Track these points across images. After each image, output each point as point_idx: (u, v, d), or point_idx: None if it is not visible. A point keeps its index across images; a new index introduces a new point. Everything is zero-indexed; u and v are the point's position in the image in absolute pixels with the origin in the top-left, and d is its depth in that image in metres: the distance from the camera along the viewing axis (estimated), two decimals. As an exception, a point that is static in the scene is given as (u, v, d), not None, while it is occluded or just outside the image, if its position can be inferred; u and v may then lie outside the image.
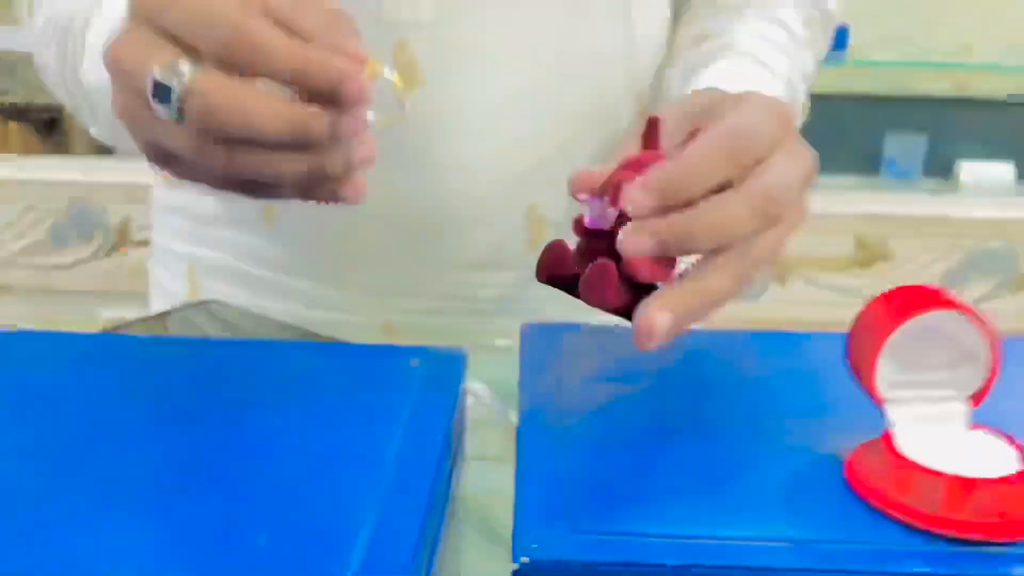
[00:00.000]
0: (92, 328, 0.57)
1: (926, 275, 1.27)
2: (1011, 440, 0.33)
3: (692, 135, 0.37)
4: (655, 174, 0.35)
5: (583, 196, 0.37)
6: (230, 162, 0.35)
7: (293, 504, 0.32)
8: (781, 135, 0.37)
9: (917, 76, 2.09)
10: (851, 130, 1.96)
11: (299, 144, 0.34)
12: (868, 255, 1.27)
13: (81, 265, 1.35)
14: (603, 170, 0.38)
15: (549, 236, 0.58)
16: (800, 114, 0.61)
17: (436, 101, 0.56)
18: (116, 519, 0.31)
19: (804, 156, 0.38)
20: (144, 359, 0.43)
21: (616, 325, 0.38)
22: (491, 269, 0.60)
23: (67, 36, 0.52)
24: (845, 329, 0.35)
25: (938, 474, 0.31)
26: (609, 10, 0.58)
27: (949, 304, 0.33)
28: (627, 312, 0.36)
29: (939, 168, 1.94)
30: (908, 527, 0.31)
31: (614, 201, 0.36)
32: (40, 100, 1.95)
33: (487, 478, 0.41)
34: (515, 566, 0.30)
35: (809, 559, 0.30)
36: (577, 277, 0.36)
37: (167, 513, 0.32)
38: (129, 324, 0.59)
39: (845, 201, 1.29)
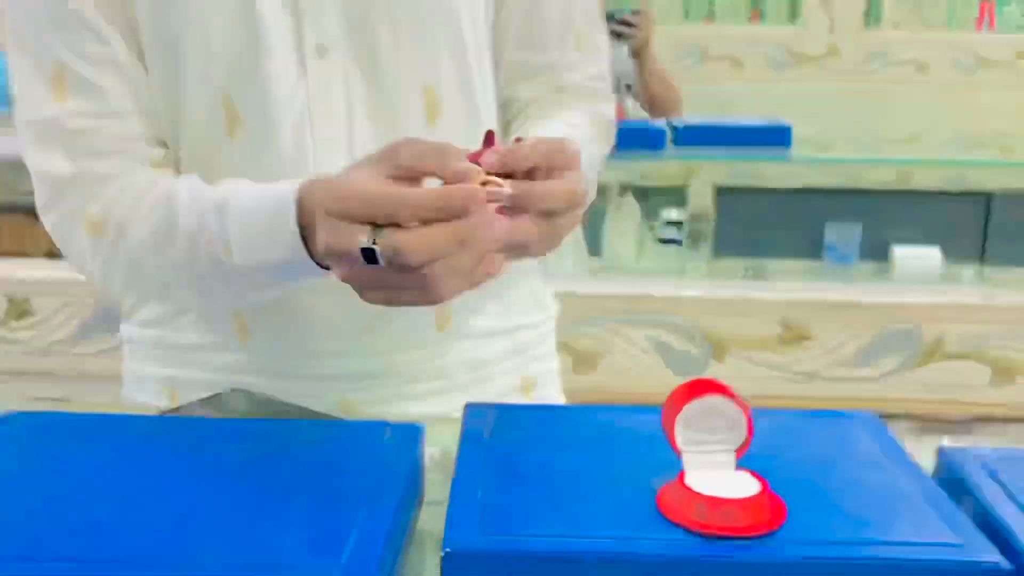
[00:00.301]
0: (117, 409, 0.74)
1: (841, 352, 1.46)
2: (756, 476, 0.52)
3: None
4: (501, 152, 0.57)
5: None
6: (415, 280, 0.55)
7: (296, 511, 0.51)
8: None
9: (855, 169, 2.32)
10: (795, 219, 2.18)
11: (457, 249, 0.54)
12: (793, 335, 1.46)
13: (106, 353, 1.54)
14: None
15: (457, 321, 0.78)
16: (592, 191, 0.80)
17: None
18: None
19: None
20: (164, 438, 0.62)
21: (540, 405, 0.57)
22: (412, 348, 0.79)
23: (201, 230, 0.65)
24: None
25: (709, 497, 0.50)
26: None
27: (721, 390, 0.52)
28: None
29: (875, 252, 2.15)
30: (691, 531, 0.50)
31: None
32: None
33: (437, 513, 0.60)
34: (442, 554, 0.48)
35: (634, 547, 0.49)
36: None
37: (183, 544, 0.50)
38: (185, 407, 0.77)
39: (773, 288, 1.49)
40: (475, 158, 0.57)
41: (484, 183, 0.56)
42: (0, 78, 3.29)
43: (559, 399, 0.89)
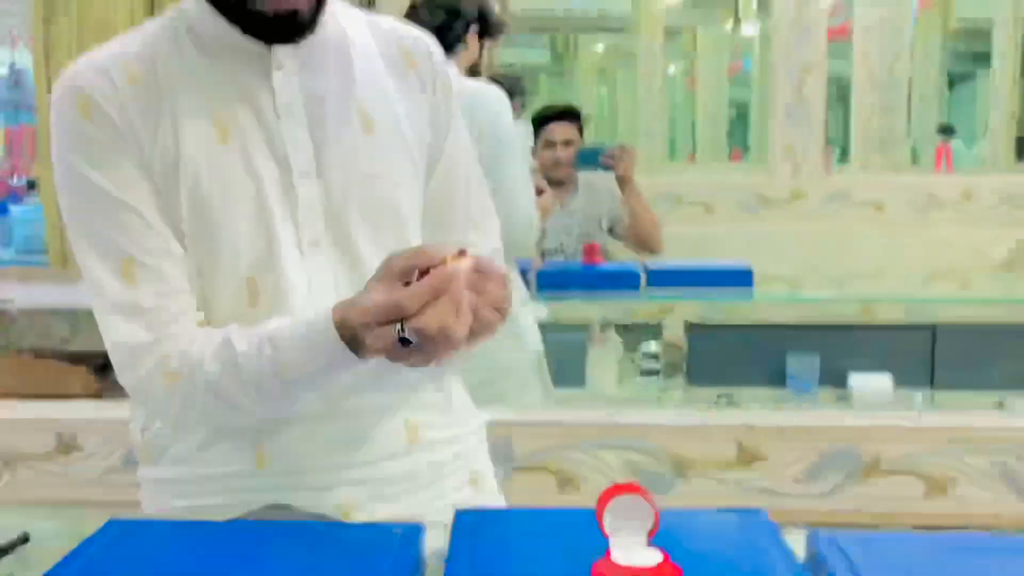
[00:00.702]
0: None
1: (793, 470, 1.66)
2: (663, 551, 0.73)
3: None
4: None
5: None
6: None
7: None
8: None
9: (813, 305, 2.56)
10: (760, 351, 2.41)
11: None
12: (747, 456, 1.67)
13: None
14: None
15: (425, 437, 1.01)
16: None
17: None
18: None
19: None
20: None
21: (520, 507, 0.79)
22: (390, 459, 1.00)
23: (259, 361, 0.88)
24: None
25: (627, 567, 0.71)
26: None
27: (635, 490, 0.73)
28: None
29: (835, 379, 2.36)
30: (614, 594, 0.70)
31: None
32: (98, 348, 2.39)
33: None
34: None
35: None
36: None
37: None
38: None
39: (731, 415, 1.70)
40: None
41: (457, 256, 0.83)
42: (22, 230, 3.53)
43: (496, 488, 1.11)
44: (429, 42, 1.06)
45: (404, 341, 0.81)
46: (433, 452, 1.03)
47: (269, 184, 0.94)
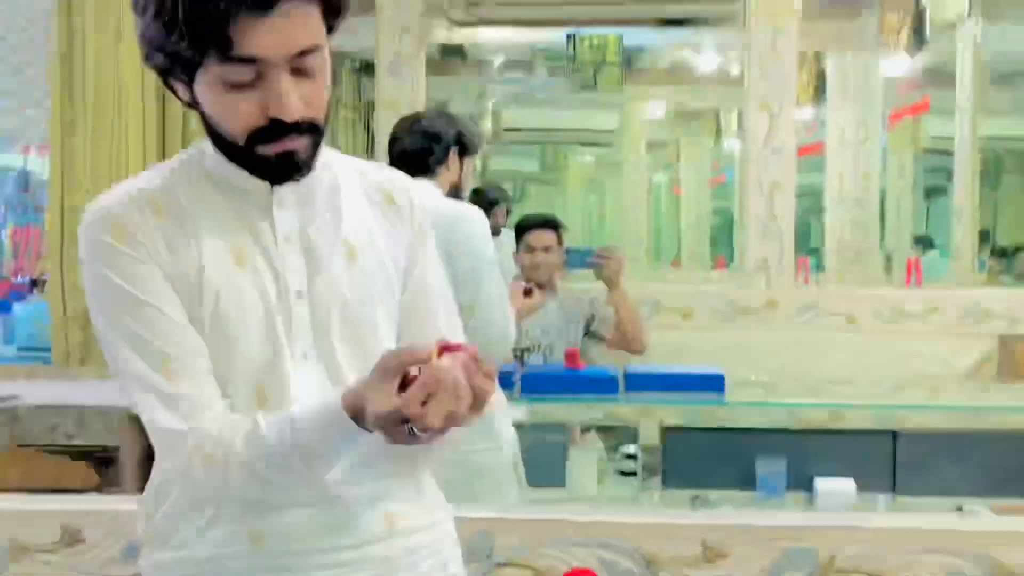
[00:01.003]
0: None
1: (755, 568, 1.76)
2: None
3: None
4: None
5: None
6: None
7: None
8: None
9: (784, 410, 2.69)
10: (731, 454, 2.53)
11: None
12: (712, 555, 1.78)
13: (139, 574, 1.82)
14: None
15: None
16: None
17: None
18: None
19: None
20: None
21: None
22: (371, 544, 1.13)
23: (281, 441, 1.02)
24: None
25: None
26: None
27: (590, 574, 0.86)
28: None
29: (802, 483, 2.48)
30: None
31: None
32: (99, 443, 2.49)
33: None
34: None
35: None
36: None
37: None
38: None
39: (694, 515, 1.82)
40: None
41: (441, 352, 0.96)
42: (25, 328, 3.66)
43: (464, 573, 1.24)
44: (408, 185, 1.23)
45: (413, 433, 0.96)
46: (408, 539, 1.16)
47: (274, 304, 1.09)
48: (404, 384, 0.96)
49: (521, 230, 3.24)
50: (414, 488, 1.19)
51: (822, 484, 2.41)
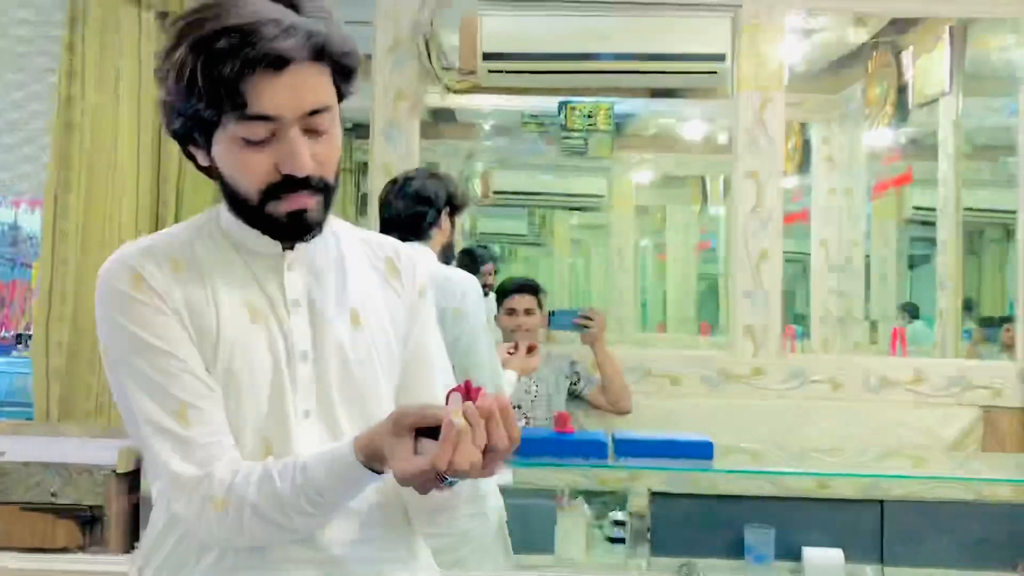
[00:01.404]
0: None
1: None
2: None
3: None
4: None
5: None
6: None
7: None
8: None
9: (771, 478, 2.69)
10: (719, 522, 2.52)
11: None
12: (702, 625, 1.78)
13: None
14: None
15: None
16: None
17: None
18: None
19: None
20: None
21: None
22: None
23: (293, 489, 1.05)
24: None
25: None
26: None
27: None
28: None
29: (790, 551, 2.47)
30: None
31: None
32: (84, 501, 2.46)
33: None
34: None
35: None
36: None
37: None
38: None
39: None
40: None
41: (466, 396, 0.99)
42: (6, 382, 3.68)
43: None
44: (411, 254, 1.28)
45: (443, 479, 0.99)
46: None
47: (281, 361, 1.13)
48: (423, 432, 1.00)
49: (502, 294, 3.29)
50: (407, 551, 1.20)
51: (810, 554, 2.41)
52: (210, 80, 1.03)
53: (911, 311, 6.29)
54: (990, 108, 4.93)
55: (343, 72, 1.12)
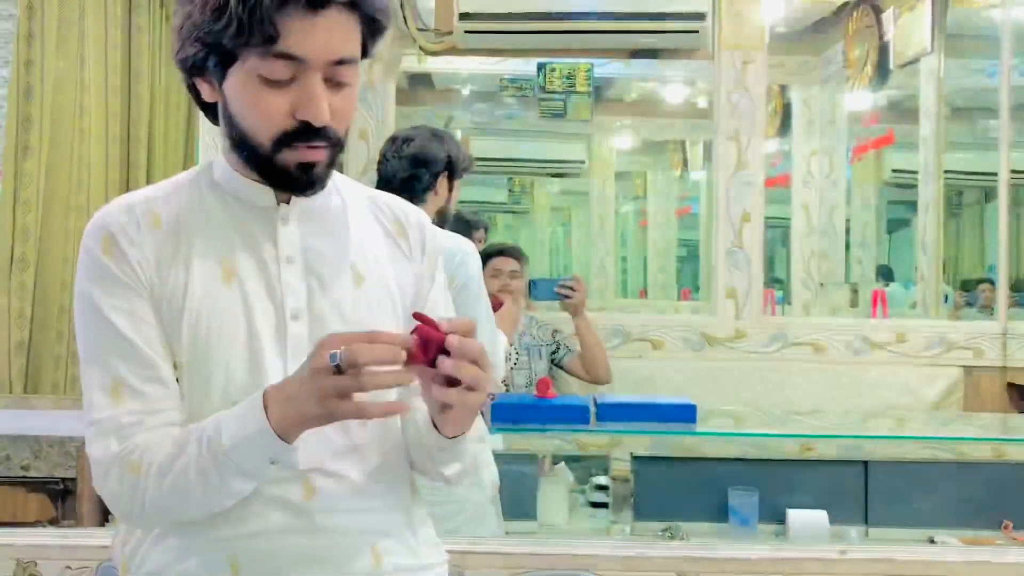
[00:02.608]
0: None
1: (730, 601, 1.74)
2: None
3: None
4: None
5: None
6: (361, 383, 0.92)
7: None
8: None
9: (754, 440, 2.68)
10: (702, 485, 2.50)
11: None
12: (687, 588, 1.76)
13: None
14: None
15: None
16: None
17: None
18: None
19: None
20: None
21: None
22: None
23: (209, 449, 0.99)
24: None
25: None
26: None
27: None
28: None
29: (773, 514, 2.45)
30: None
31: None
32: (56, 474, 2.42)
33: None
34: None
35: None
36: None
37: None
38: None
39: (666, 547, 1.80)
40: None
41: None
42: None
43: None
44: (421, 217, 1.22)
45: (333, 358, 0.92)
46: None
47: (263, 324, 1.07)
48: None
49: (486, 258, 3.23)
50: (405, 525, 1.14)
51: (794, 516, 2.40)
52: (245, 7, 0.99)
53: (885, 274, 6.30)
54: (971, 70, 4.91)
55: (374, 28, 1.07)
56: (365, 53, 1.09)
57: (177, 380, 1.07)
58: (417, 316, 0.98)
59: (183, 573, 1.07)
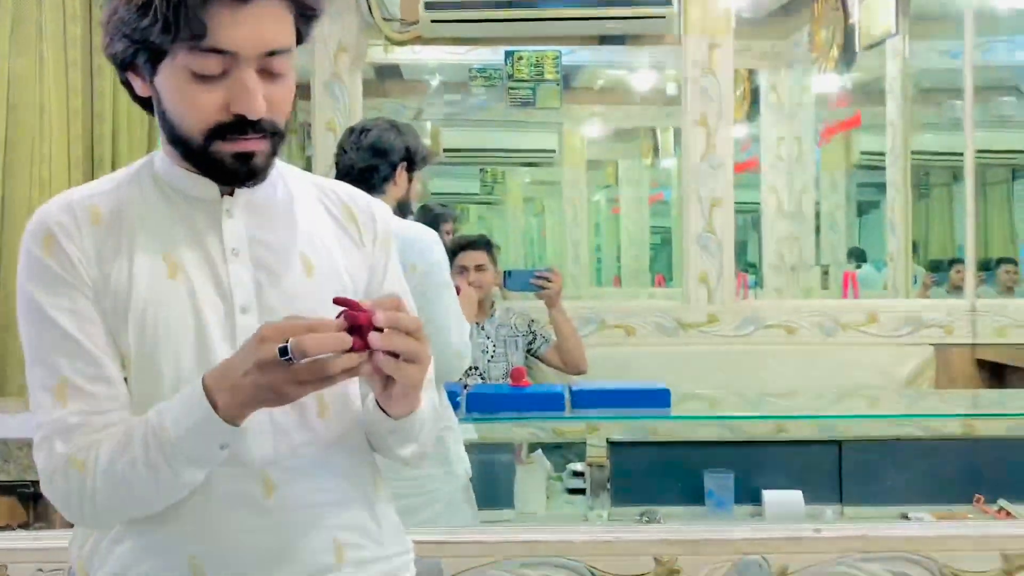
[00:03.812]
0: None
1: (706, 582, 1.75)
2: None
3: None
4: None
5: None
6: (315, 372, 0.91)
7: None
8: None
9: (729, 423, 2.69)
10: (678, 469, 2.51)
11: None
12: (664, 570, 1.75)
13: (69, 612, 1.74)
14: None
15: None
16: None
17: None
18: None
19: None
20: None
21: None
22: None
23: (156, 441, 0.97)
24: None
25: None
26: None
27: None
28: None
29: (749, 495, 2.47)
30: None
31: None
32: (27, 477, 2.38)
33: None
34: None
35: None
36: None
37: None
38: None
39: (643, 530, 1.79)
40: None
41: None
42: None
43: None
44: (369, 201, 1.19)
45: (283, 352, 0.91)
46: (357, 570, 1.09)
47: (211, 317, 1.05)
48: None
49: (452, 251, 3.22)
50: (369, 516, 1.12)
51: (770, 496, 2.41)
52: (169, 3, 0.96)
53: (858, 255, 6.36)
54: (936, 51, 4.95)
55: (306, 14, 1.05)
56: (300, 39, 1.06)
57: (125, 379, 1.05)
58: (338, 301, 0.96)
59: (143, 575, 1.05)
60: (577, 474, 2.84)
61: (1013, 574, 1.84)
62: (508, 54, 3.91)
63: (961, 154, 3.91)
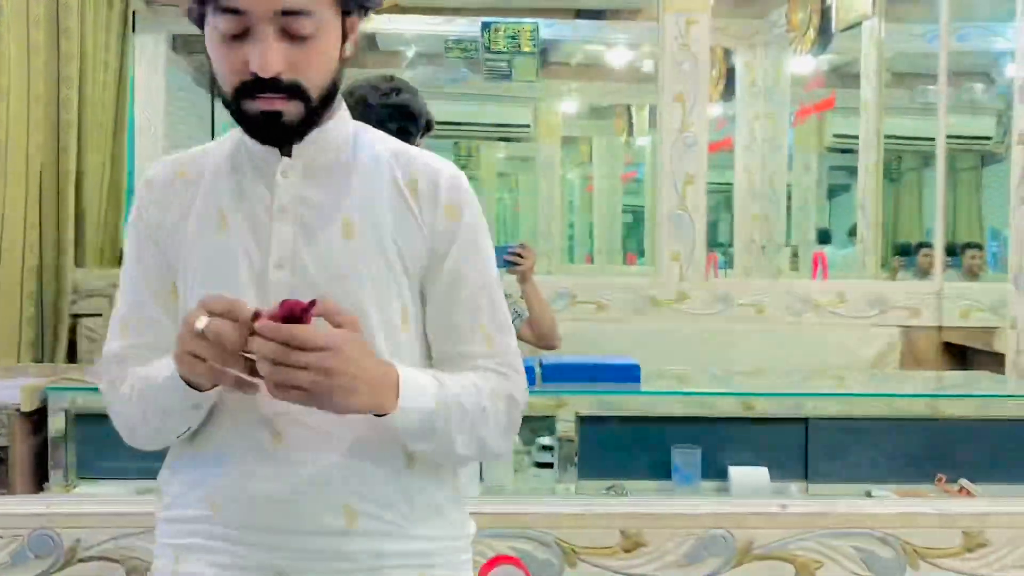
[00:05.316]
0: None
1: (673, 556, 1.76)
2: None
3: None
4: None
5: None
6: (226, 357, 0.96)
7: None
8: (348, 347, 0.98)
9: (697, 400, 2.70)
10: (646, 444, 2.52)
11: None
12: (631, 543, 1.76)
13: (34, 578, 1.73)
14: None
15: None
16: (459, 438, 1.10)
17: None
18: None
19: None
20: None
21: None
22: (325, 535, 1.08)
23: (146, 387, 1.09)
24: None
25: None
26: None
27: (511, 561, 0.82)
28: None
29: (716, 472, 2.48)
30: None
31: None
32: (-9, 440, 2.34)
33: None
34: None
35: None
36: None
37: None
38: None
39: (610, 503, 1.80)
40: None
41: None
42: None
43: None
44: (440, 171, 1.15)
45: (200, 334, 0.97)
46: (372, 543, 1.09)
47: (246, 270, 1.10)
48: None
49: None
50: (395, 491, 1.10)
51: (736, 473, 2.42)
52: None
53: (825, 237, 6.41)
54: (911, 35, 4.97)
55: None
56: (348, 7, 1.09)
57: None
58: (285, 304, 0.99)
59: (182, 507, 1.14)
60: (546, 448, 2.84)
61: (972, 551, 1.87)
62: (485, 25, 3.88)
63: (932, 139, 3.93)
